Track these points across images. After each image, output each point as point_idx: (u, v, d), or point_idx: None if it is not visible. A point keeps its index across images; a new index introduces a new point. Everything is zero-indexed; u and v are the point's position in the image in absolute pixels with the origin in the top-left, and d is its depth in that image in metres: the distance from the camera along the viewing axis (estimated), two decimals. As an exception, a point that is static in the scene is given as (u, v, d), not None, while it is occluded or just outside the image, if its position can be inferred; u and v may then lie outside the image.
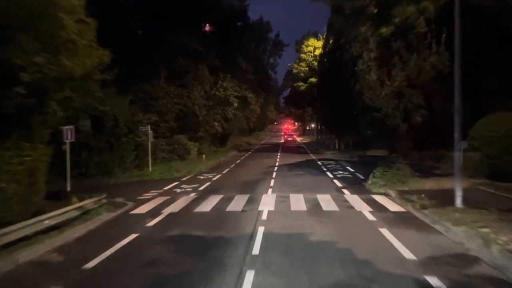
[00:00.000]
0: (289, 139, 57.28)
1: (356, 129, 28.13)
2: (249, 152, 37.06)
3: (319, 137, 60.02)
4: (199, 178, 18.81)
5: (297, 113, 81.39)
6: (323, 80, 29.82)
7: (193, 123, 24.97)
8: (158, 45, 22.86)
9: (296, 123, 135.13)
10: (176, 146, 22.98)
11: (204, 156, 27.76)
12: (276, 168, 22.18)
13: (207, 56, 25.26)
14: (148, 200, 13.03)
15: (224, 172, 21.10)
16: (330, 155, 30.69)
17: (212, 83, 28.23)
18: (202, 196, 13.39)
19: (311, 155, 32.71)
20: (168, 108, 22.97)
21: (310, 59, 37.43)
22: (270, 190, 14.50)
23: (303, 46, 37.82)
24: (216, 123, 29.25)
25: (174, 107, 23.35)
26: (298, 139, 72.18)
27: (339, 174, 19.26)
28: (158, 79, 22.78)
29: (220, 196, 13.21)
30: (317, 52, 34.75)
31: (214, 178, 18.45)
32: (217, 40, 27.25)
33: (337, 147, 34.07)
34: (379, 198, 12.50)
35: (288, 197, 12.84)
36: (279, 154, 34.25)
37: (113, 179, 18.22)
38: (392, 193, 13.14)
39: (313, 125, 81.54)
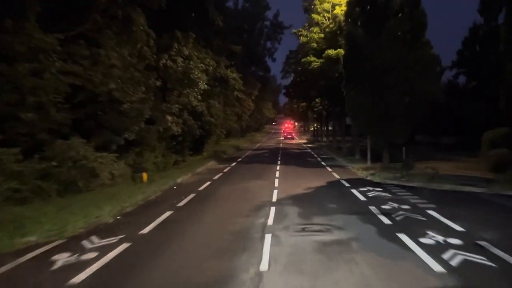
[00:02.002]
0: (288, 136, 66.72)
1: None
2: (234, 163, 24.89)
3: (329, 139, 47.86)
4: (49, 267, 6.65)
5: (300, 111, 69.32)
6: (353, 47, 17.62)
7: (112, 116, 12.83)
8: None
9: (297, 123, 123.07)
10: (55, 163, 10.75)
11: (144, 176, 15.62)
12: (272, 216, 10.10)
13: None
14: None
15: (146, 230, 8.94)
16: (364, 172, 18.49)
17: (158, 47, 16.10)
18: None
19: (330, 170, 20.56)
20: (43, 81, 10.78)
21: (327, 22, 25.16)
22: None
23: (316, 1, 25.61)
24: (169, 118, 17.10)
25: (58, 81, 11.12)
26: (301, 141, 60.14)
27: (452, 257, 7.04)
28: (21, 19, 10.59)
29: None
30: (338, 10, 22.66)
31: (78, 279, 6.23)
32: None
33: (368, 157, 21.85)
34: None
35: None
36: (278, 167, 22.14)
37: None
38: None
39: (315, 124, 69.55)
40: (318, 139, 58.31)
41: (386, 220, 9.44)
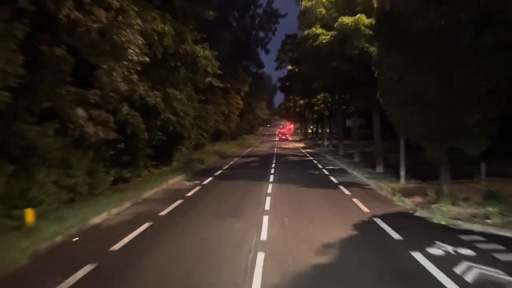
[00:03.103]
0: (283, 138, 73.52)
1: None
2: (208, 179, 17.90)
3: (333, 143, 40.97)
4: None
5: (297, 110, 62.50)
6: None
7: None
8: None
9: (293, 125, 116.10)
10: None
11: (29, 215, 8.68)
12: None
13: None
14: None
15: None
16: (404, 199, 11.55)
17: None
18: None
19: (347, 193, 13.64)
20: None
21: (337, -21, 18.21)
22: None
23: (324, -49, 18.64)
24: (81, 113, 10.02)
25: None
26: (299, 145, 53.21)
27: None
28: None
29: None
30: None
31: None
32: None
33: (402, 173, 14.97)
34: None
35: None
36: (270, 188, 15.17)
37: None
38: None
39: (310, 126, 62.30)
40: (318, 143, 51.35)
41: None
